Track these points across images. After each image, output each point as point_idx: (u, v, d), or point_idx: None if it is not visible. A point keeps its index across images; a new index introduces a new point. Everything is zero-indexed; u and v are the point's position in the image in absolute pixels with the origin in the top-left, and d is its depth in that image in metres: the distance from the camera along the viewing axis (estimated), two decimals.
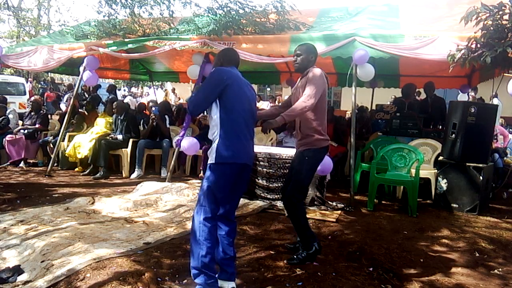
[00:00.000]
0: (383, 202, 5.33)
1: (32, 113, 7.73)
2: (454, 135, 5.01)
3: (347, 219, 4.45)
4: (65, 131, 6.83)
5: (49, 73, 19.84)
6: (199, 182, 5.89)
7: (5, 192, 5.11)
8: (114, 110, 6.80)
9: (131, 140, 6.52)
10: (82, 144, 6.55)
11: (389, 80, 8.33)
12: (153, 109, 7.33)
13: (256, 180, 4.97)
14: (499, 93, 6.73)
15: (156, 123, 6.60)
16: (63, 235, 3.40)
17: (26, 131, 7.20)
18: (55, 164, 6.79)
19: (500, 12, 4.08)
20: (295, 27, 5.83)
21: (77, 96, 7.80)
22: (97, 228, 3.73)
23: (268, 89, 19.22)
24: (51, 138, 7.25)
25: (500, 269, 3.28)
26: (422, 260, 3.36)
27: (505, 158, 6.34)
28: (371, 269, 3.10)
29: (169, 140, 6.59)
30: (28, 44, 7.44)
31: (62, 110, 8.93)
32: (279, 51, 5.25)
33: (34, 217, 4.02)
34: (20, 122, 8.40)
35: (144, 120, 7.54)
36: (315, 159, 3.28)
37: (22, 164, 6.98)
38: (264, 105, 13.55)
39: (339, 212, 4.65)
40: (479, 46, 4.18)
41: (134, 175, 6.38)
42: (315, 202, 4.78)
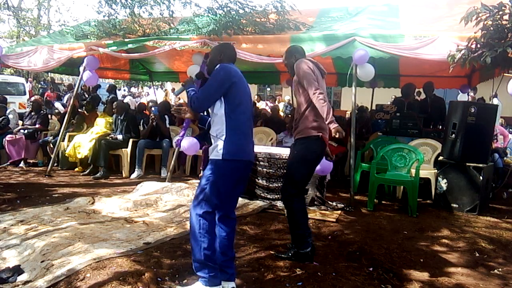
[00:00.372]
0: (383, 202, 5.33)
1: (32, 113, 7.73)
2: (454, 135, 5.01)
3: (347, 219, 4.45)
4: (65, 131, 6.83)
5: (49, 73, 19.81)
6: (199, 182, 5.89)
7: (5, 192, 5.10)
8: (114, 110, 6.80)
9: (131, 140, 6.52)
10: (82, 144, 6.55)
11: (389, 80, 8.33)
12: (152, 109, 7.34)
13: (256, 180, 4.97)
14: (499, 93, 6.72)
15: (156, 123, 6.60)
16: (63, 235, 3.40)
17: (26, 131, 7.21)
18: (55, 164, 6.79)
19: (500, 12, 4.08)
20: (295, 27, 5.83)
21: (77, 96, 7.80)
22: (97, 228, 3.72)
23: (268, 89, 19.23)
24: (51, 138, 7.25)
25: (500, 269, 3.28)
26: (422, 260, 3.36)
27: (505, 158, 6.34)
28: (371, 269, 3.09)
29: (169, 140, 6.59)
30: (28, 44, 7.44)
31: (58, 109, 8.91)
32: (279, 51, 5.23)
33: (34, 217, 4.02)
34: (20, 122, 8.40)
35: (144, 120, 7.55)
36: (304, 150, 3.20)
37: (22, 164, 6.98)
38: (264, 105, 13.56)
39: (339, 212, 4.65)
40: (479, 46, 4.18)
41: (134, 175, 6.38)
42: (315, 202, 4.78)
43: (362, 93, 7.51)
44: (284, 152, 4.93)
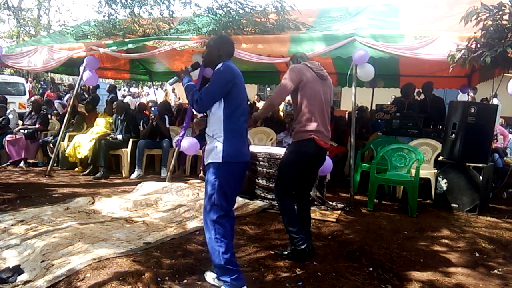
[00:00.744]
0: (383, 202, 5.33)
1: (32, 113, 7.73)
2: (454, 135, 5.01)
3: (347, 219, 4.45)
4: (65, 131, 6.83)
5: (49, 73, 19.80)
6: (199, 182, 5.89)
7: (5, 192, 5.11)
8: (114, 110, 6.80)
9: (131, 140, 6.52)
10: (82, 144, 6.55)
11: (389, 80, 8.33)
12: (152, 109, 7.33)
13: (256, 180, 4.97)
14: (499, 93, 6.72)
15: (156, 123, 6.60)
16: (63, 235, 3.40)
17: (26, 131, 7.21)
18: (55, 164, 6.79)
19: (500, 12, 4.08)
20: (295, 27, 5.83)
21: (77, 96, 7.80)
22: (97, 228, 3.72)
23: (268, 89, 19.21)
24: (51, 138, 7.25)
25: (500, 269, 3.28)
26: (422, 260, 3.36)
27: (505, 158, 6.34)
28: (371, 269, 3.10)
29: (169, 140, 6.59)
30: (28, 44, 7.44)
31: (57, 109, 8.90)
32: (279, 51, 5.24)
33: (34, 217, 4.02)
34: (20, 122, 8.41)
35: (144, 120, 7.55)
36: (294, 153, 3.29)
37: (22, 164, 6.98)
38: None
39: (339, 212, 4.65)
40: (479, 46, 4.18)
41: (134, 175, 6.38)
42: (315, 202, 4.78)
43: (362, 93, 7.51)
44: (284, 152, 4.91)
